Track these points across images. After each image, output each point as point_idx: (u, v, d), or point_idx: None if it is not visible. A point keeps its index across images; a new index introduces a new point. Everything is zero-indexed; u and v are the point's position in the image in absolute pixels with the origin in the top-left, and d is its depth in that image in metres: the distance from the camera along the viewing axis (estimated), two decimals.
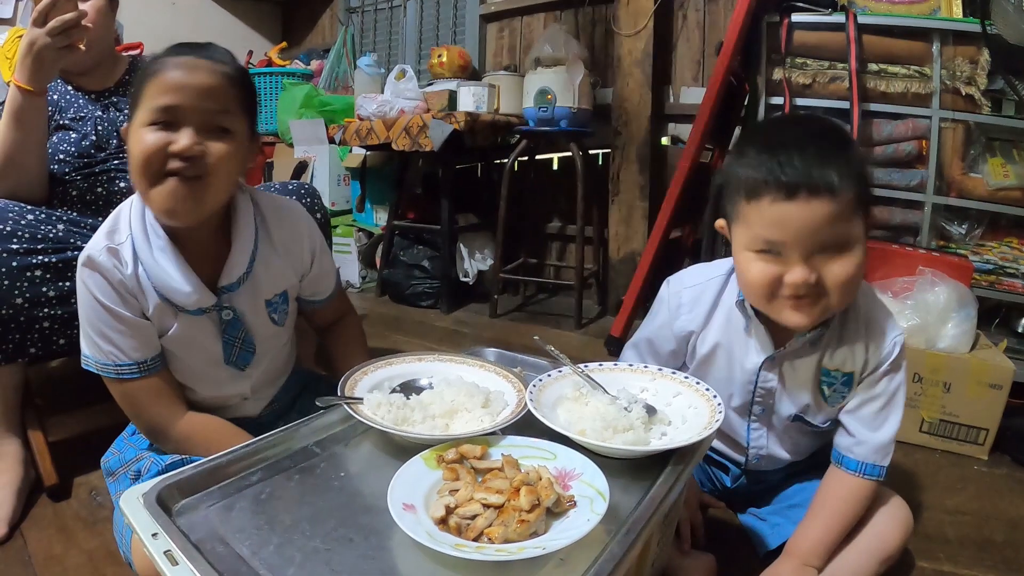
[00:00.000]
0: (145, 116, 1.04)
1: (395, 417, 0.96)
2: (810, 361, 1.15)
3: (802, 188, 0.95)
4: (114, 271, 1.11)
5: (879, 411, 1.13)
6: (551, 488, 0.75)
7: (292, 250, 1.31)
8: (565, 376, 1.11)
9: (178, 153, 1.03)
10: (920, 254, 2.16)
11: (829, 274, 0.99)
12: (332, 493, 0.85)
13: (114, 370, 1.12)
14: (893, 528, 1.15)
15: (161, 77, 1.04)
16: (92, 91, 1.77)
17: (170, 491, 0.83)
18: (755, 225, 1.01)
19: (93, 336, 1.12)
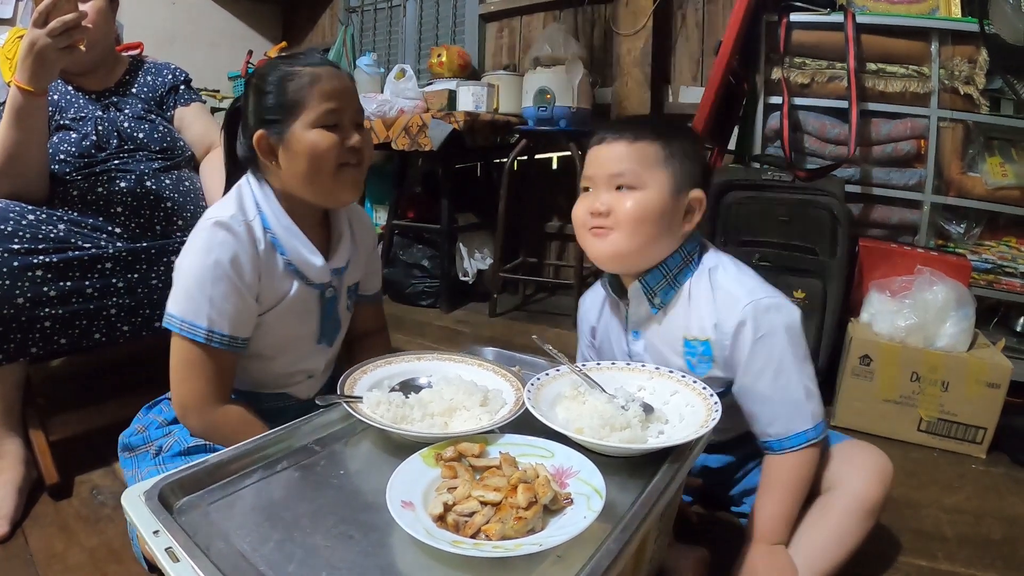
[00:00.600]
0: (312, 119, 1.18)
1: (394, 415, 0.97)
2: (668, 330, 1.20)
3: (608, 135, 1.18)
4: (247, 240, 1.19)
5: (773, 381, 1.11)
6: (548, 486, 0.75)
7: (364, 245, 1.47)
8: (563, 375, 1.12)
9: (353, 147, 1.22)
10: (918, 253, 2.17)
11: (618, 206, 1.14)
12: (332, 490, 0.86)
13: (205, 334, 1.15)
14: (869, 481, 1.14)
15: (323, 85, 1.18)
16: (92, 91, 1.78)
17: (172, 488, 0.84)
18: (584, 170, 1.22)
19: (198, 296, 1.15)
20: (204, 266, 1.15)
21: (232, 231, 1.17)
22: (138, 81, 1.87)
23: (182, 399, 1.19)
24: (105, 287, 1.53)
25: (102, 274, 1.53)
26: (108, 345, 1.58)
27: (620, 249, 1.16)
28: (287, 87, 1.19)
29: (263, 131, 1.20)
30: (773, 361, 1.11)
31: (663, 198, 1.14)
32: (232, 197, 1.24)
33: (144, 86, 1.87)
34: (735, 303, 1.12)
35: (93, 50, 1.71)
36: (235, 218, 1.19)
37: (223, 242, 1.16)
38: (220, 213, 1.19)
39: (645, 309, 1.22)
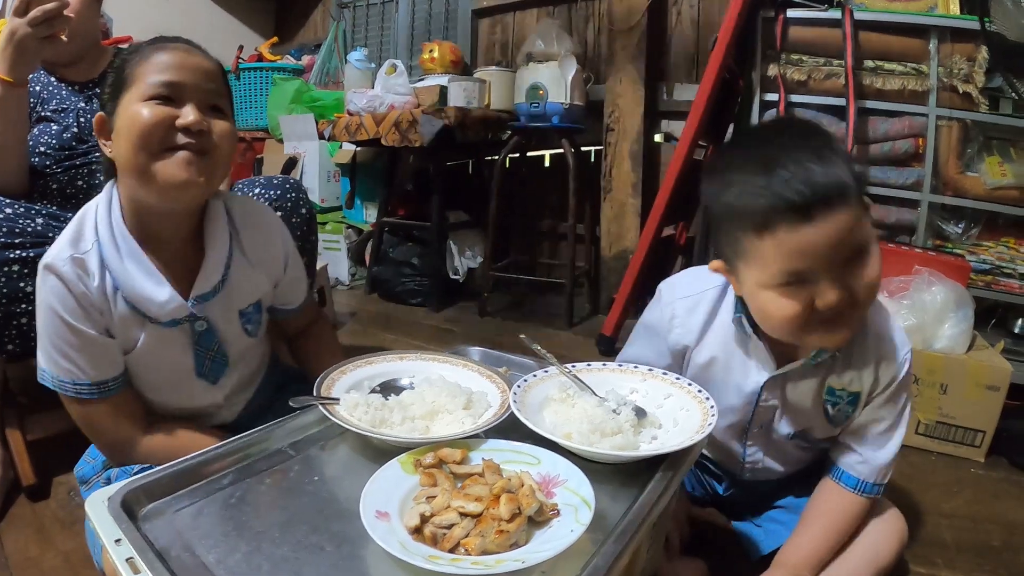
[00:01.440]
0: (142, 92, 1.01)
1: (372, 418, 0.92)
2: (815, 379, 1.07)
3: (818, 205, 0.84)
4: (78, 283, 1.03)
5: (885, 431, 1.09)
6: (533, 496, 0.70)
7: (265, 258, 1.26)
8: (551, 376, 1.07)
9: (187, 126, 1.01)
10: (916, 253, 2.14)
11: (858, 285, 0.90)
12: (305, 498, 0.81)
13: (72, 388, 1.05)
14: (888, 538, 1.12)
15: (158, 57, 1.03)
16: (76, 82, 1.74)
17: (136, 495, 0.79)
18: (774, 260, 0.90)
19: (51, 350, 1.04)
20: (44, 318, 1.04)
21: (58, 275, 1.02)
22: None
23: (103, 450, 1.13)
24: None
25: None
26: None
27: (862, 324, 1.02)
28: (125, 62, 1.05)
29: (102, 113, 1.08)
30: (895, 413, 1.08)
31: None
32: (72, 225, 1.08)
33: None
34: (895, 351, 1.05)
35: (76, 41, 1.68)
36: (61, 256, 1.03)
37: (50, 290, 1.02)
38: (51, 253, 1.04)
39: (804, 366, 1.06)
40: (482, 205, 3.26)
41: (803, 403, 1.09)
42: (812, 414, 1.09)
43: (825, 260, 0.87)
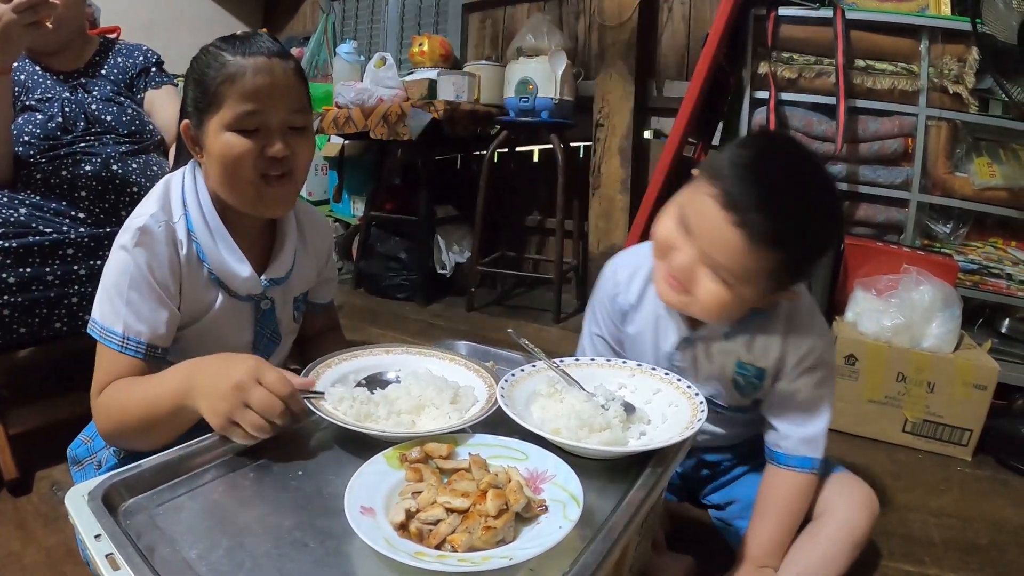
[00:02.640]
0: (229, 120, 1.06)
1: (358, 413, 0.90)
2: (727, 351, 1.14)
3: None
4: (166, 246, 1.09)
5: (801, 410, 1.14)
6: (520, 492, 0.69)
7: (319, 252, 1.36)
8: (539, 371, 1.05)
9: (275, 157, 1.09)
10: (904, 252, 2.15)
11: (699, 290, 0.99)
12: (289, 493, 0.79)
13: (120, 342, 1.05)
14: (858, 513, 1.14)
15: (245, 80, 1.05)
16: (61, 72, 1.73)
17: (117, 489, 0.77)
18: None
19: (118, 302, 1.06)
20: (120, 271, 1.06)
21: (150, 233, 1.07)
22: (108, 62, 1.83)
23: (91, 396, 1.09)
24: (66, 274, 1.51)
25: (63, 260, 1.52)
26: (70, 335, 1.54)
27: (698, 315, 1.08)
28: (207, 77, 1.06)
29: (187, 121, 1.12)
30: (809, 392, 1.13)
31: (747, 299, 1.04)
32: (157, 193, 1.13)
33: (114, 68, 1.83)
34: (802, 343, 1.11)
35: (61, 29, 1.67)
36: (156, 218, 1.08)
37: (141, 244, 1.06)
38: (142, 215, 1.08)
39: (717, 333, 1.14)
40: (470, 200, 3.24)
41: (713, 372, 1.16)
42: (721, 383, 1.17)
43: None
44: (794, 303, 1.10)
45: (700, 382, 1.16)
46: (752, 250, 0.92)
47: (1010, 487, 1.74)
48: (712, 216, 0.93)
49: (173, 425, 0.97)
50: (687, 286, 1.00)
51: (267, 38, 1.11)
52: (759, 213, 0.91)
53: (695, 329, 1.14)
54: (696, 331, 1.14)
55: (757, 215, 0.91)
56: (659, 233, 1.04)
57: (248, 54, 1.06)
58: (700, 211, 0.96)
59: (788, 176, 0.96)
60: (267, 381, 0.87)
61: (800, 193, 0.94)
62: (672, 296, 1.03)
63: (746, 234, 0.91)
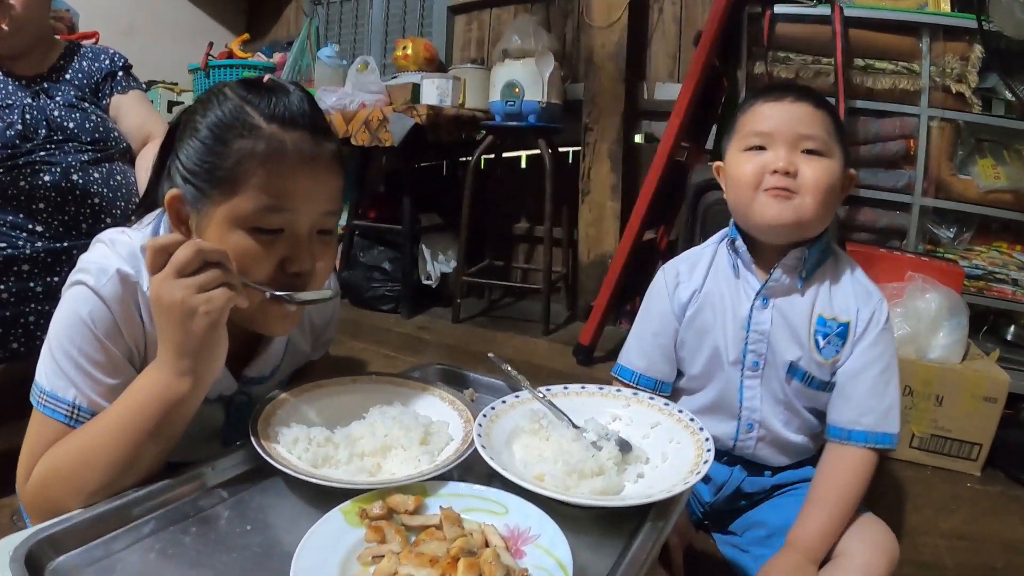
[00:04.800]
0: (246, 215, 0.82)
1: (314, 456, 0.79)
2: (804, 304, 1.14)
3: (790, 92, 1.12)
4: (136, 309, 0.86)
5: (881, 374, 1.10)
6: (497, 562, 0.57)
7: (318, 320, 1.14)
8: (523, 402, 0.95)
9: (297, 274, 0.86)
10: (909, 258, 2.07)
11: (806, 171, 1.07)
12: (235, 552, 0.68)
13: (68, 412, 0.82)
14: (879, 557, 1.05)
15: (276, 167, 0.82)
16: (23, 77, 1.67)
17: (43, 546, 0.67)
18: (746, 127, 1.14)
19: (63, 360, 0.82)
20: (75, 322, 0.83)
21: (120, 284, 0.84)
22: (72, 67, 1.76)
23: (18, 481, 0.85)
24: (22, 292, 1.44)
25: (19, 277, 1.45)
26: (27, 357, 1.43)
27: (805, 216, 1.08)
28: (227, 145, 0.81)
29: (179, 192, 0.85)
30: (887, 355, 1.11)
31: (840, 171, 1.11)
32: (125, 248, 0.88)
33: (79, 72, 1.76)
34: (870, 294, 1.13)
35: (22, 32, 1.61)
36: (124, 274, 0.85)
37: (107, 294, 0.83)
38: (101, 257, 0.86)
39: (791, 280, 1.14)
40: (456, 208, 3.17)
41: (794, 327, 1.13)
42: (803, 341, 1.13)
43: (781, 128, 1.09)
44: (855, 266, 1.17)
45: (783, 345, 1.14)
46: (817, 111, 1.09)
47: (1022, 504, 1.68)
48: (779, 109, 1.10)
49: (168, 422, 0.78)
50: (791, 182, 1.07)
51: (304, 99, 0.87)
52: (798, 89, 1.13)
53: (768, 285, 1.15)
54: (771, 281, 1.14)
55: (799, 90, 1.13)
56: (744, 169, 1.12)
57: (287, 124, 0.82)
58: (765, 116, 1.11)
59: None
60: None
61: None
62: (780, 207, 1.08)
63: (808, 102, 1.10)
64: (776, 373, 1.15)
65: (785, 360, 1.13)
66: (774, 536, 1.14)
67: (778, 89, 1.15)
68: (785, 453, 1.19)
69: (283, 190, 0.81)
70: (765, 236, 1.14)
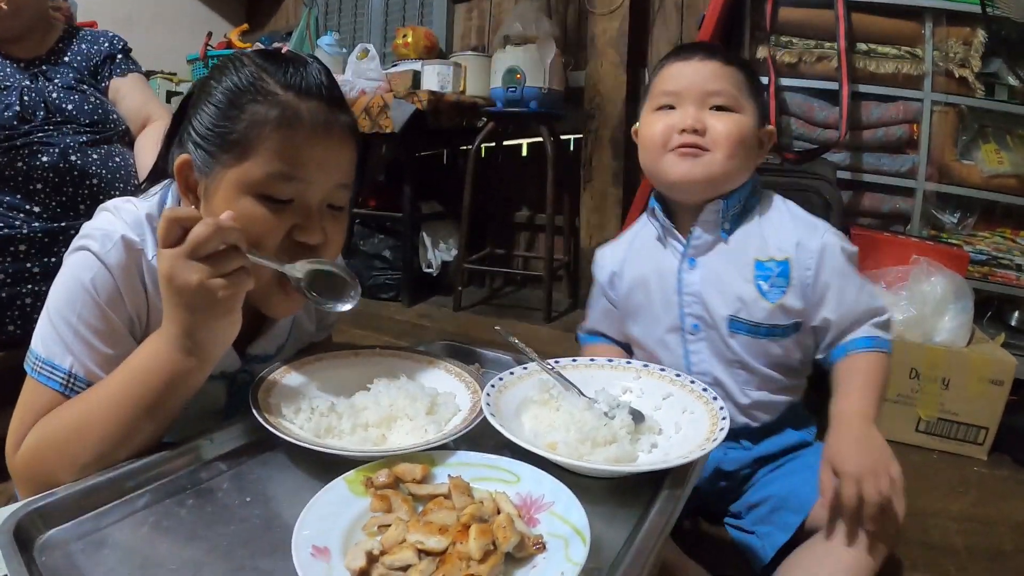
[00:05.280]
0: (256, 180, 0.80)
1: (317, 426, 0.77)
2: (735, 254, 1.14)
3: (698, 51, 1.13)
4: (140, 279, 0.85)
5: (859, 291, 1.11)
6: (511, 527, 0.55)
7: (321, 311, 1.11)
8: (531, 374, 0.93)
9: (305, 244, 0.85)
10: (913, 242, 2.07)
11: (715, 126, 1.08)
12: (233, 525, 0.66)
13: (63, 380, 0.80)
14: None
15: (289, 133, 0.81)
16: (21, 59, 1.67)
17: (32, 519, 0.64)
18: (656, 87, 1.16)
19: (63, 327, 0.81)
20: (76, 289, 0.81)
21: (124, 252, 0.83)
22: (71, 49, 1.76)
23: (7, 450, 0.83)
24: (19, 272, 1.45)
25: (15, 258, 1.45)
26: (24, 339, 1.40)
27: (714, 172, 1.09)
28: (240, 109, 0.80)
29: (188, 157, 0.84)
30: (852, 274, 1.11)
31: (752, 126, 1.12)
32: (130, 216, 0.87)
33: (78, 55, 1.76)
34: (815, 227, 1.13)
35: (21, 14, 1.62)
36: (129, 241, 0.84)
37: (110, 261, 0.82)
38: (106, 223, 0.85)
39: (713, 236, 1.15)
40: (457, 195, 3.16)
41: (731, 281, 1.12)
42: (743, 292, 1.11)
43: (688, 86, 1.10)
44: (794, 207, 1.18)
45: (718, 301, 1.13)
46: (725, 68, 1.10)
47: None
48: (686, 68, 1.11)
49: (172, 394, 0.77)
50: (704, 143, 1.08)
51: (322, 71, 0.86)
52: (707, 47, 1.16)
53: (690, 246, 1.16)
54: (693, 240, 1.15)
55: (707, 48, 1.15)
56: (654, 129, 1.13)
57: (303, 93, 0.81)
58: (673, 75, 1.13)
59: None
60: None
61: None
62: (689, 164, 1.09)
63: (716, 59, 1.11)
64: (718, 333, 1.14)
65: (723, 316, 1.12)
66: (777, 511, 1.11)
67: (686, 48, 1.17)
68: (747, 415, 1.17)
69: (295, 158, 0.80)
70: (678, 195, 1.16)
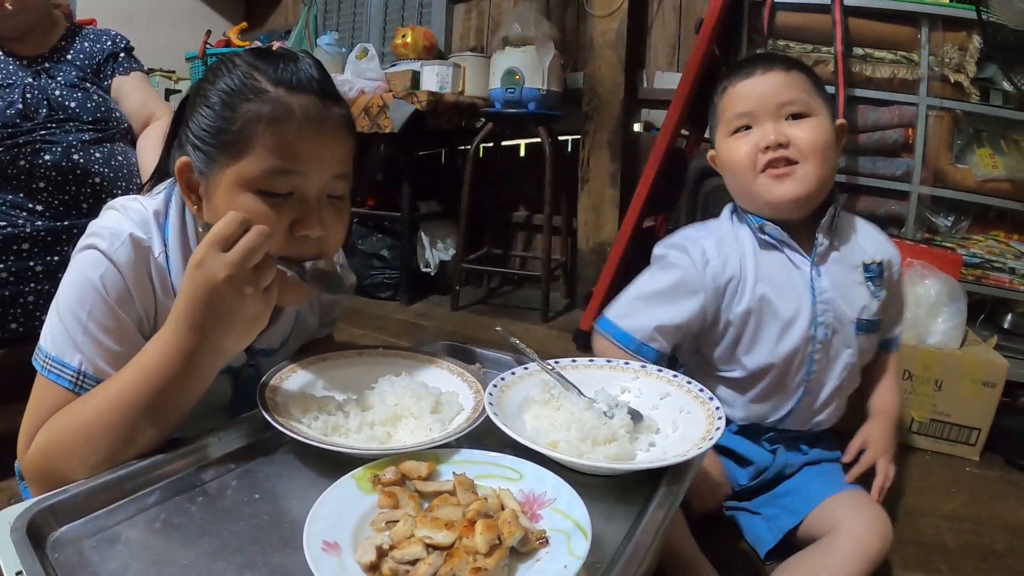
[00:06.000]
0: (253, 175, 0.82)
1: (324, 425, 0.79)
2: (848, 260, 1.18)
3: (758, 65, 1.15)
4: (148, 276, 0.87)
5: (902, 298, 1.34)
6: (516, 522, 0.58)
7: (324, 305, 1.15)
8: (532, 374, 0.95)
9: (306, 237, 0.86)
10: (907, 245, 2.09)
11: (798, 135, 1.09)
12: (243, 521, 0.68)
13: (73, 378, 0.81)
14: (873, 534, 1.09)
15: (283, 128, 0.82)
16: (24, 57, 1.67)
17: (45, 516, 0.65)
18: (727, 111, 1.17)
19: (72, 324, 0.82)
20: (85, 287, 0.83)
21: (133, 250, 0.85)
22: (74, 47, 1.76)
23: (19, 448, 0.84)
24: (21, 271, 1.44)
25: (18, 256, 1.44)
26: (26, 338, 1.43)
27: (811, 184, 1.10)
28: (234, 109, 0.82)
29: (188, 159, 0.86)
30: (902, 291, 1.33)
31: (831, 124, 1.13)
32: (137, 216, 0.89)
33: (80, 53, 1.76)
34: (879, 233, 1.25)
35: (24, 12, 1.62)
36: (137, 239, 0.86)
37: (119, 259, 0.84)
38: (113, 222, 0.87)
39: (828, 240, 1.18)
40: (455, 195, 3.17)
41: (851, 284, 1.18)
42: (861, 293, 1.18)
43: (760, 102, 1.11)
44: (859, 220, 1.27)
45: (850, 306, 1.18)
46: (793, 75, 1.12)
47: (1021, 488, 1.70)
48: (752, 85, 1.13)
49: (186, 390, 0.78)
50: (787, 152, 1.09)
51: (313, 65, 0.87)
52: (765, 58, 1.19)
53: (816, 254, 1.18)
54: (818, 247, 1.17)
55: (766, 59, 1.16)
56: (738, 153, 1.14)
57: (294, 88, 0.83)
58: (742, 96, 1.14)
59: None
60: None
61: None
62: (785, 186, 1.10)
63: (778, 68, 1.12)
64: (844, 338, 1.18)
65: (851, 318, 1.17)
66: (788, 496, 1.19)
67: (746, 65, 1.17)
68: (824, 413, 1.27)
69: (290, 152, 0.82)
70: (778, 214, 1.15)
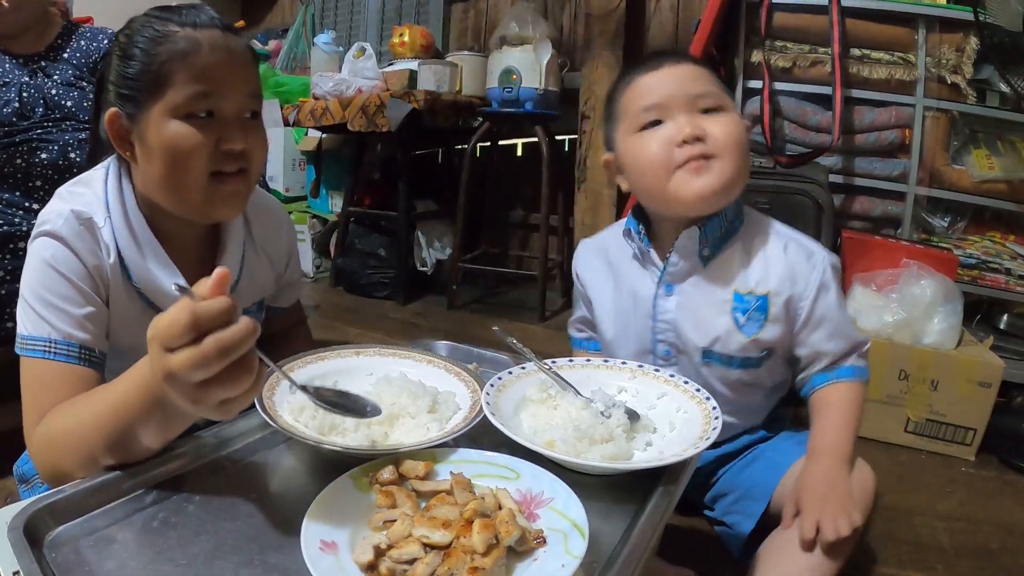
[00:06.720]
0: (177, 104, 0.89)
1: (320, 424, 0.79)
2: (712, 284, 1.08)
3: (665, 57, 1.07)
4: (94, 248, 0.93)
5: (844, 323, 1.08)
6: (513, 521, 0.58)
7: (275, 253, 1.19)
8: (529, 374, 0.95)
9: (231, 151, 0.94)
10: (903, 246, 2.09)
11: (715, 130, 1.01)
12: (240, 520, 0.68)
13: (44, 347, 0.87)
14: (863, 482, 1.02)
15: (198, 59, 0.90)
16: (20, 55, 1.67)
17: (42, 516, 0.65)
18: (632, 106, 1.06)
19: (34, 304, 0.88)
20: (37, 270, 0.90)
21: (74, 227, 0.91)
22: (71, 46, 1.76)
23: (24, 430, 0.88)
24: (18, 269, 1.40)
25: (15, 255, 1.44)
26: None
27: (728, 178, 1.01)
28: (151, 53, 0.89)
29: (116, 110, 0.92)
30: (834, 309, 1.06)
31: (742, 121, 1.05)
32: (74, 193, 0.97)
33: (77, 51, 1.76)
34: (811, 255, 1.07)
35: (20, 10, 1.62)
36: (78, 215, 0.92)
37: (62, 238, 0.90)
38: (55, 209, 0.93)
39: (690, 262, 1.08)
40: (452, 195, 3.16)
41: (707, 311, 1.07)
42: (719, 324, 1.07)
43: (672, 93, 1.03)
44: (786, 230, 1.12)
45: (692, 333, 1.09)
46: (702, 69, 1.05)
47: (1016, 488, 1.70)
48: (662, 77, 1.04)
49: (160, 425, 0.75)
50: (704, 147, 1.00)
51: (211, 11, 0.96)
52: (670, 54, 1.09)
53: (667, 271, 1.10)
54: (669, 267, 1.10)
55: (672, 54, 1.09)
56: (651, 150, 1.04)
57: (199, 26, 0.91)
58: (651, 88, 1.05)
59: None
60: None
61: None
62: (703, 180, 1.01)
63: (687, 61, 1.05)
64: (690, 360, 1.10)
65: (697, 347, 1.08)
66: (741, 501, 1.12)
67: (651, 58, 1.08)
68: (738, 419, 1.17)
69: (206, 77, 0.90)
70: (695, 211, 1.05)
